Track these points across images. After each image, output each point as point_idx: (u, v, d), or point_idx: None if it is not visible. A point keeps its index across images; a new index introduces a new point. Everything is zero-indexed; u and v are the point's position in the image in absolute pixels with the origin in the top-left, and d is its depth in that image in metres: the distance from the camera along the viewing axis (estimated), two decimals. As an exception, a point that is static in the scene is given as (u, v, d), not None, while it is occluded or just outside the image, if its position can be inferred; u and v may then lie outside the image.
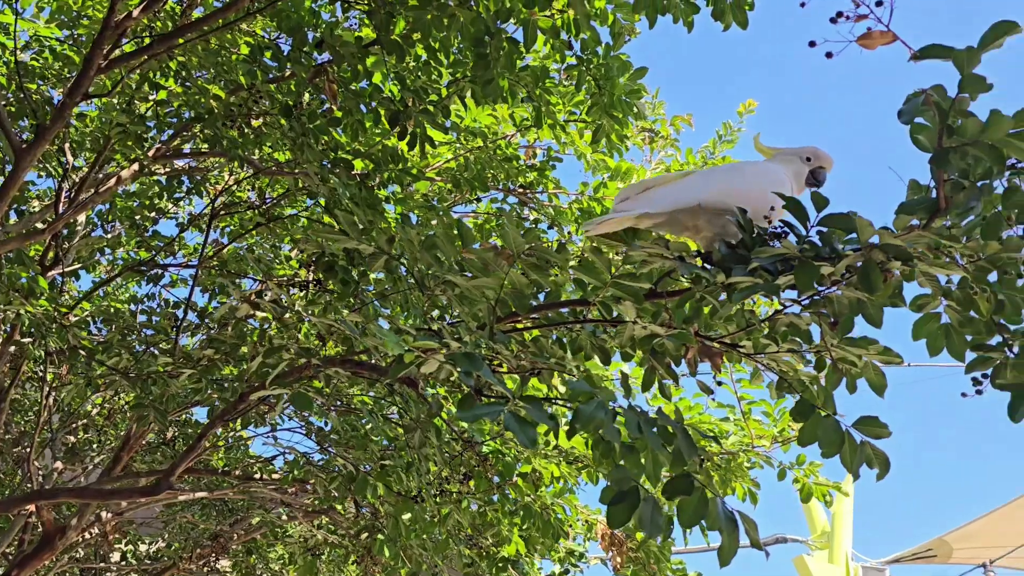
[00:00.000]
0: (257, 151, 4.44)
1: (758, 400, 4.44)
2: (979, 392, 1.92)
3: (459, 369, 1.70)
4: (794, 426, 4.46)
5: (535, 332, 2.44)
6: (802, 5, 1.93)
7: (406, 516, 3.69)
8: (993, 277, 1.85)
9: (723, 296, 2.01)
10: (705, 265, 2.11)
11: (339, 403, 4.70)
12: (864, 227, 1.79)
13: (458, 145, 4.54)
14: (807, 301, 2.01)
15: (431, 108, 3.62)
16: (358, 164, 3.97)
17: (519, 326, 2.45)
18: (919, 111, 1.73)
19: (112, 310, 4.81)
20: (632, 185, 2.35)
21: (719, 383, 2.33)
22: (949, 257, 1.84)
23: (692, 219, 2.12)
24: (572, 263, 2.17)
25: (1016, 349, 1.88)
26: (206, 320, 4.43)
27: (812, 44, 1.87)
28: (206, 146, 4.03)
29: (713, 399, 4.22)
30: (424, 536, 3.86)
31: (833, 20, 1.86)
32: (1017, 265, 1.81)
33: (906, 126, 1.75)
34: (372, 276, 3.55)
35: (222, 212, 4.84)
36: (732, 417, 4.57)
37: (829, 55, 1.87)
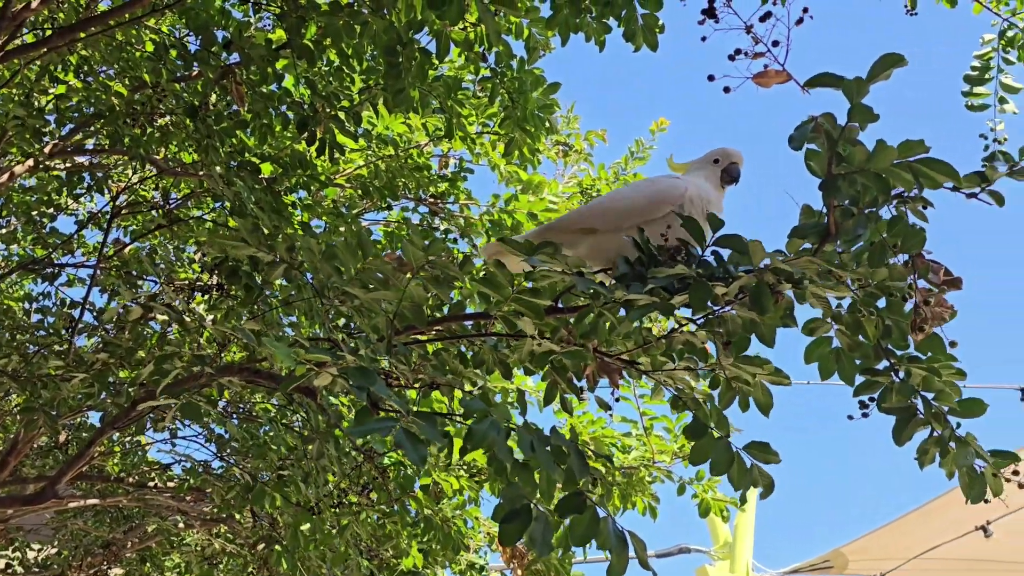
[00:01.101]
0: (163, 150, 4.33)
1: (660, 416, 4.51)
2: (865, 415, 1.98)
3: (352, 383, 1.68)
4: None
5: (438, 345, 2.43)
6: (703, 39, 1.96)
7: (304, 527, 3.63)
8: (882, 303, 1.91)
9: (622, 312, 2.03)
10: (603, 282, 2.13)
11: (241, 408, 4.60)
12: (756, 250, 1.83)
13: (369, 152, 4.50)
14: (702, 320, 2.05)
15: (342, 115, 3.58)
16: (266, 168, 3.90)
17: (422, 338, 2.44)
18: (809, 138, 1.78)
19: (3, 308, 4.63)
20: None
21: (617, 399, 2.35)
22: (839, 282, 1.89)
23: (587, 240, 2.14)
24: (477, 276, 2.17)
25: (902, 374, 1.94)
26: (103, 322, 4.30)
27: (711, 78, 1.91)
28: (108, 143, 3.91)
29: (615, 414, 4.28)
30: (323, 547, 3.80)
31: (731, 57, 1.90)
32: (903, 291, 1.87)
33: (797, 151, 1.79)
34: (277, 283, 3.49)
35: (124, 211, 4.70)
36: (634, 432, 4.62)
37: (727, 90, 1.92)
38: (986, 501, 1.96)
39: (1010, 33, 3.92)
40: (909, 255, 1.85)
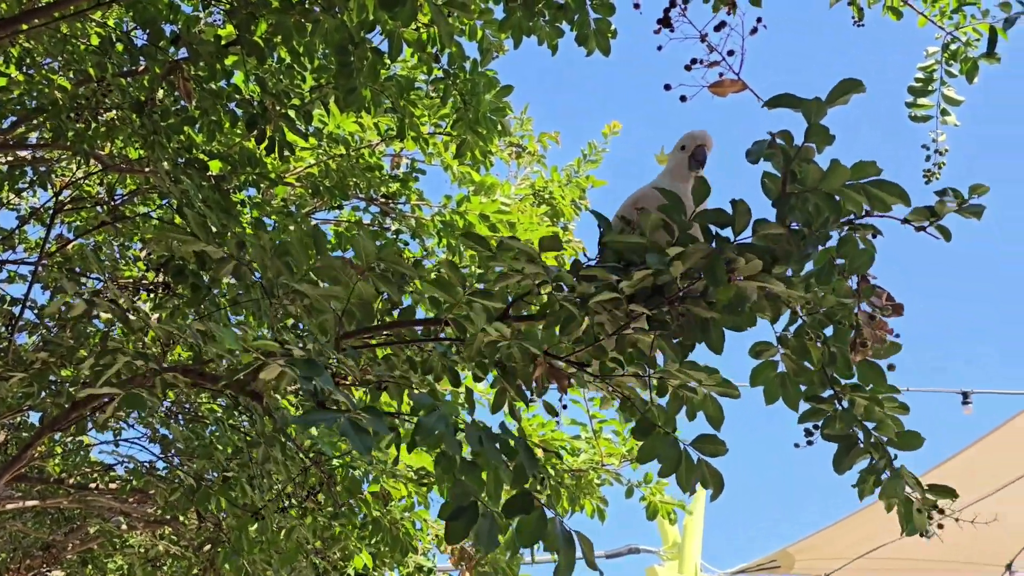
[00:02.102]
0: (108, 145, 4.25)
1: (609, 419, 4.53)
2: (810, 443, 2.01)
3: (298, 374, 1.66)
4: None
5: (387, 350, 2.42)
6: (658, 48, 1.98)
7: (251, 528, 3.59)
8: (829, 331, 1.93)
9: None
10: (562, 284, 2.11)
11: (187, 407, 4.54)
12: (741, 212, 1.81)
13: (320, 151, 4.47)
14: (655, 312, 2.03)
15: (292, 113, 3.55)
16: (214, 165, 3.85)
17: (372, 341, 2.42)
18: (766, 155, 1.79)
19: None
20: None
21: (564, 406, 2.35)
22: (787, 307, 1.90)
23: None
24: (428, 278, 2.16)
25: (845, 402, 1.97)
26: (45, 320, 4.21)
27: (668, 87, 1.92)
28: (51, 137, 3.84)
29: (564, 416, 4.30)
30: (270, 549, 3.76)
31: (687, 67, 1.91)
32: (850, 315, 1.89)
33: (754, 165, 1.81)
34: (225, 282, 3.44)
35: (67, 207, 4.61)
36: (584, 435, 4.64)
37: (684, 99, 1.93)
38: (922, 534, 2.00)
39: (953, 46, 4.01)
40: (855, 275, 1.87)
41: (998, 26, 3.91)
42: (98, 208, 4.54)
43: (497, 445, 1.77)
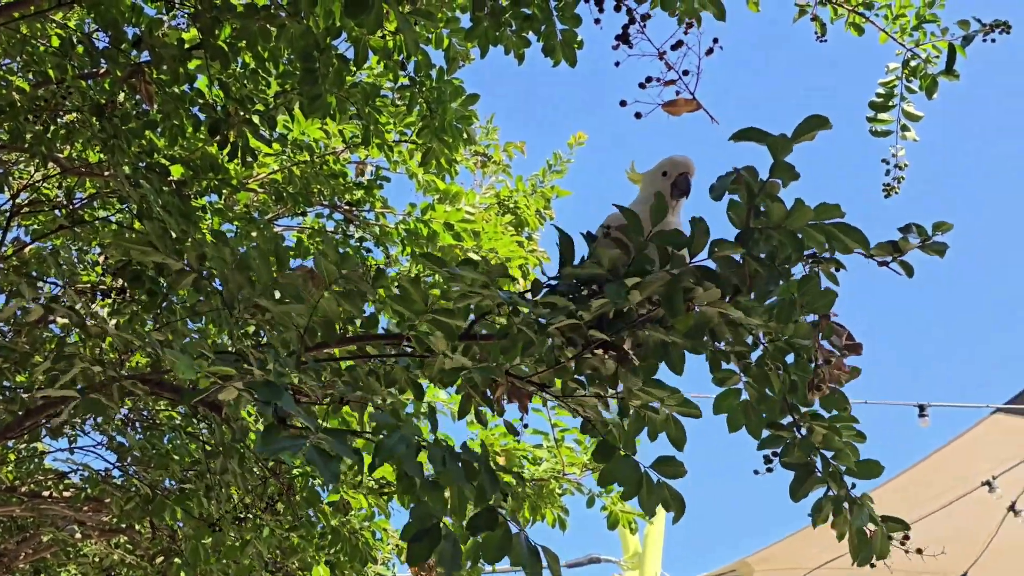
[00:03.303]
0: (67, 148, 4.18)
1: (571, 428, 4.53)
2: (769, 470, 2.01)
3: (258, 398, 1.64)
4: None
5: (350, 362, 2.39)
6: (616, 64, 1.98)
7: (206, 540, 3.54)
8: (790, 359, 1.94)
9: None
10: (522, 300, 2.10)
11: (145, 414, 4.47)
12: (699, 231, 1.81)
13: (284, 157, 4.43)
14: (613, 336, 2.03)
15: (255, 119, 3.51)
16: (175, 170, 3.80)
17: (336, 353, 2.39)
18: (731, 189, 1.79)
19: None
20: None
21: (525, 426, 2.34)
22: (749, 333, 1.91)
23: None
24: (391, 290, 2.14)
25: (804, 431, 1.98)
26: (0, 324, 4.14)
27: (623, 103, 1.92)
28: (8, 138, 3.76)
29: (528, 426, 4.28)
30: (226, 560, 3.71)
31: (642, 85, 1.90)
32: (810, 350, 1.90)
33: (718, 201, 1.81)
34: (183, 292, 3.40)
35: (25, 209, 4.53)
36: (546, 444, 4.64)
37: (638, 115, 1.93)
38: (872, 565, 2.02)
39: (913, 63, 4.06)
40: (816, 316, 1.88)
41: (957, 43, 3.97)
42: (56, 211, 4.46)
43: (460, 464, 1.75)
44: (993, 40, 3.86)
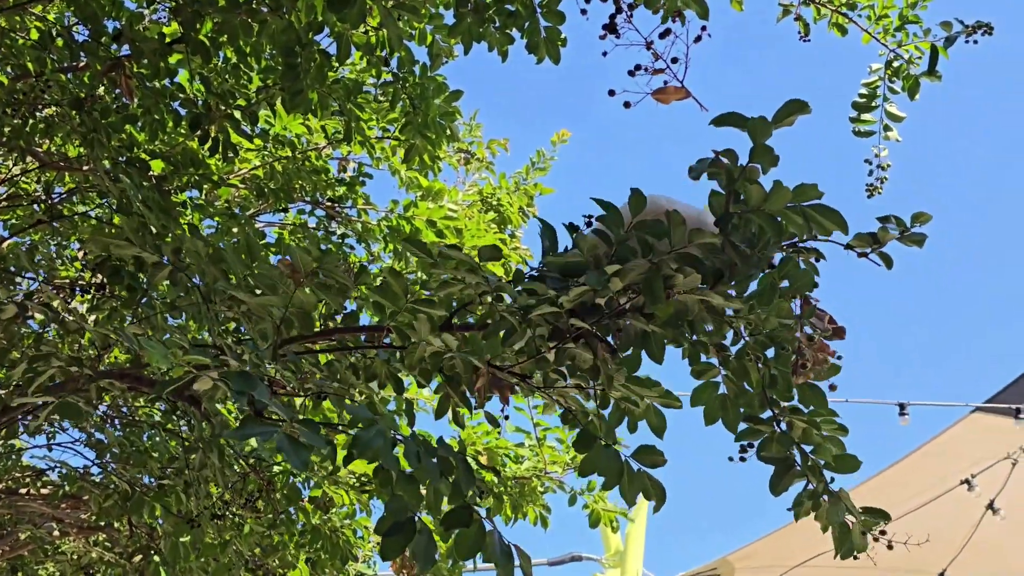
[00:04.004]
0: (46, 142, 4.15)
1: (553, 427, 4.53)
2: (743, 459, 2.02)
3: (232, 388, 1.63)
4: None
5: (330, 356, 2.38)
6: (604, 54, 1.98)
7: (186, 538, 3.51)
8: (770, 353, 1.94)
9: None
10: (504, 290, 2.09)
11: (124, 410, 4.44)
12: (677, 222, 1.80)
13: (266, 153, 4.41)
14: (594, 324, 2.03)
15: (237, 114, 3.49)
16: (155, 165, 3.77)
17: (316, 347, 2.38)
18: (710, 173, 1.79)
19: None
20: None
21: (506, 417, 2.33)
22: (730, 326, 1.91)
23: None
24: (372, 284, 2.13)
25: (784, 425, 1.98)
26: (-24, 320, 4.09)
27: (611, 93, 1.92)
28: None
29: (510, 424, 4.29)
30: (205, 558, 3.69)
31: (631, 73, 1.90)
32: (792, 337, 1.90)
33: (696, 181, 1.81)
34: (163, 287, 3.37)
35: (3, 204, 4.49)
36: (528, 442, 4.64)
37: (627, 105, 1.93)
38: (855, 557, 2.02)
39: (896, 64, 4.08)
40: (797, 296, 1.88)
41: (939, 45, 3.99)
42: (35, 206, 4.42)
43: (435, 460, 1.75)
44: (975, 42, 3.88)
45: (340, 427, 2.11)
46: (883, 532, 2.08)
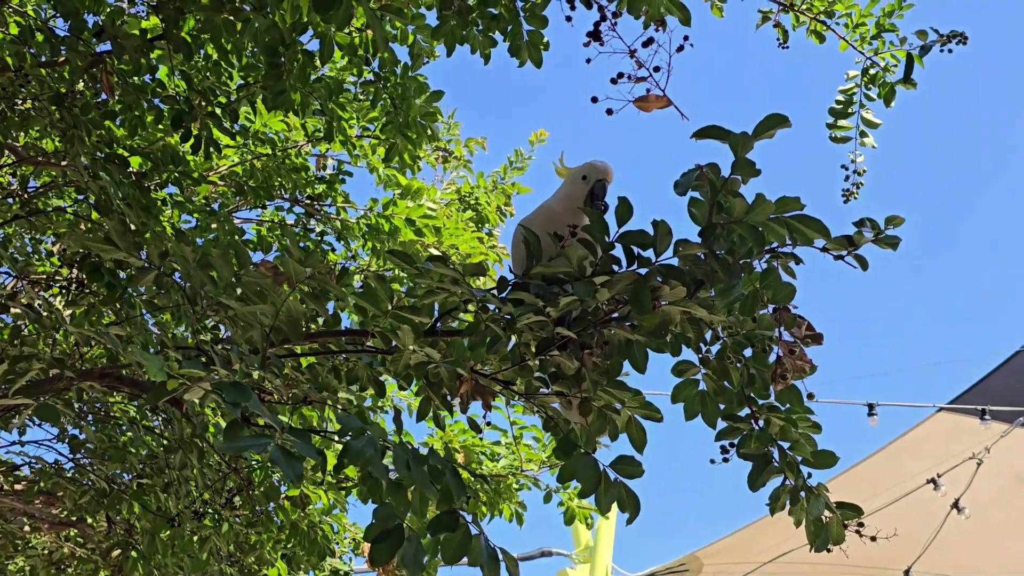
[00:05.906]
0: (23, 136, 4.11)
1: (529, 425, 4.57)
2: (726, 460, 2.06)
3: (226, 399, 1.64)
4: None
5: (312, 359, 2.39)
6: (587, 61, 2.00)
7: (164, 534, 3.51)
8: (748, 353, 1.99)
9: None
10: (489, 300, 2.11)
11: (98, 406, 4.41)
12: (663, 233, 1.85)
13: (245, 150, 4.39)
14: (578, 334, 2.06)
15: (218, 111, 3.48)
16: (135, 161, 3.75)
17: (298, 350, 2.39)
18: (694, 185, 1.83)
19: None
20: None
21: (488, 423, 2.36)
22: (710, 328, 1.94)
23: None
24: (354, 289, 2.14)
25: (761, 422, 2.02)
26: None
27: (595, 100, 1.95)
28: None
29: (489, 423, 4.31)
30: (182, 555, 3.68)
31: (613, 81, 1.93)
32: (771, 342, 1.94)
33: (682, 197, 1.84)
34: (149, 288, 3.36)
35: (-23, 197, 4.44)
36: (504, 440, 4.67)
37: (610, 112, 1.96)
38: (828, 550, 2.07)
39: (872, 71, 4.14)
40: (777, 307, 1.92)
41: (915, 53, 4.05)
42: (10, 200, 4.38)
43: (425, 468, 1.77)
44: (950, 51, 3.94)
45: (324, 434, 2.12)
46: (861, 525, 2.13)
